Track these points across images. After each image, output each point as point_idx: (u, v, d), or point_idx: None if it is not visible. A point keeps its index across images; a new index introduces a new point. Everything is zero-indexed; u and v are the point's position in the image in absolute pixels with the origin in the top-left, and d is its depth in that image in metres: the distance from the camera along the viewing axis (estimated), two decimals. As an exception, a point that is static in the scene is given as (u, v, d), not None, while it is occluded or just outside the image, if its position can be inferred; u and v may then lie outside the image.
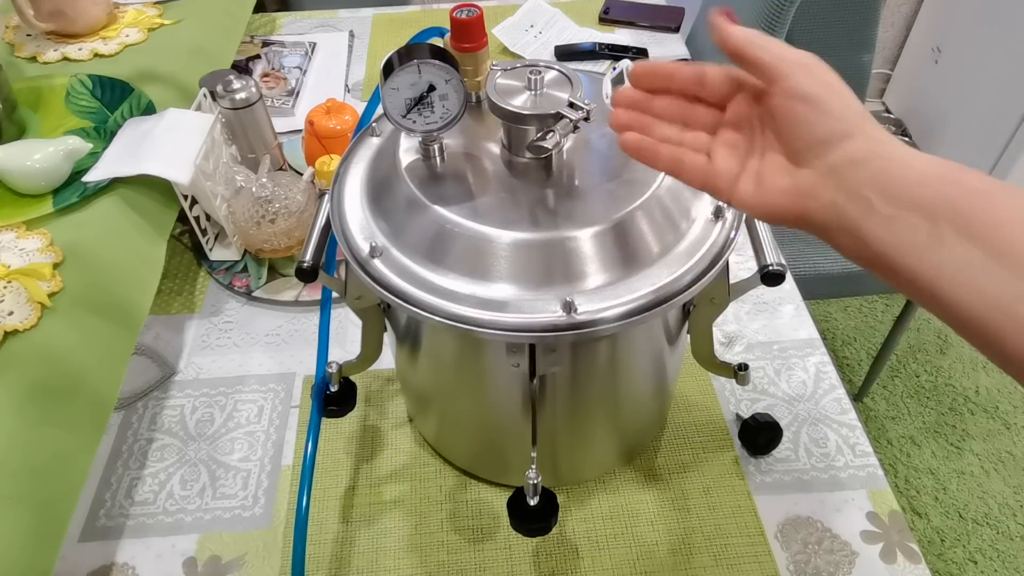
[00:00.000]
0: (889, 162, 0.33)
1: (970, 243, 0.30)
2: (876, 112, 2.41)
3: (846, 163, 0.33)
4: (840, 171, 0.33)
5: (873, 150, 0.33)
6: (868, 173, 0.33)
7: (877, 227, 0.32)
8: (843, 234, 0.34)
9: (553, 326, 0.42)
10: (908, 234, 0.31)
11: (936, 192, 0.31)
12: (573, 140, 0.50)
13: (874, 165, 0.33)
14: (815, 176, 0.34)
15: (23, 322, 0.55)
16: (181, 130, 0.73)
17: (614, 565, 0.57)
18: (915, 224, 0.31)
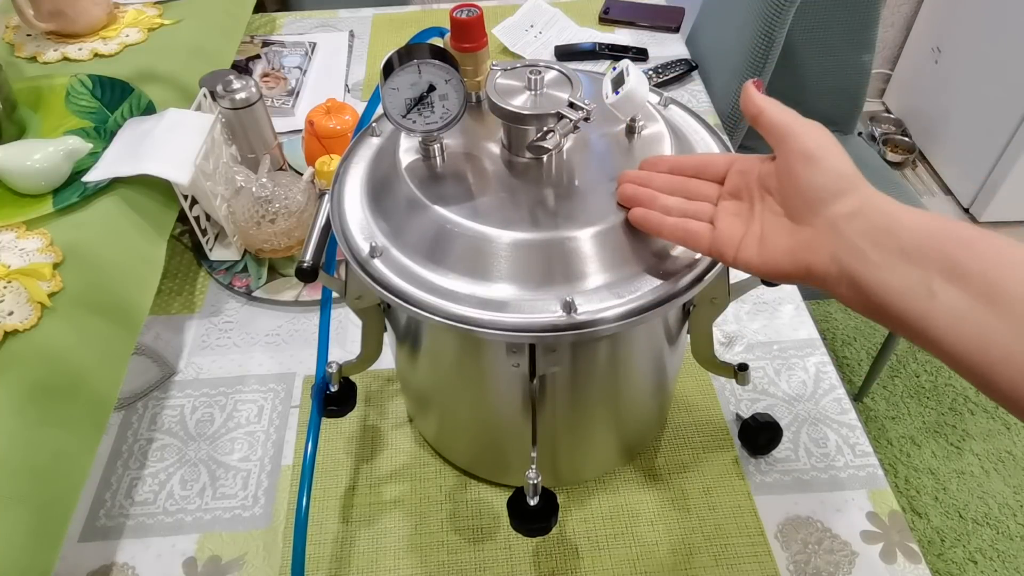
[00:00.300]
0: (881, 215, 0.36)
1: (958, 288, 0.32)
2: (876, 112, 2.41)
3: (843, 217, 0.36)
4: (838, 224, 0.36)
5: (867, 204, 0.36)
6: (863, 225, 0.36)
7: (872, 276, 0.35)
8: (843, 284, 0.36)
9: (553, 326, 0.42)
10: (901, 281, 0.34)
11: (925, 241, 0.34)
12: (573, 140, 0.50)
13: (868, 217, 0.36)
14: (815, 231, 0.37)
15: (23, 322, 0.55)
16: (181, 130, 0.73)
17: (614, 565, 0.57)
18: (907, 272, 0.34)
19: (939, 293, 0.33)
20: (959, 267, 0.32)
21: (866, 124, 2.35)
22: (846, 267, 0.36)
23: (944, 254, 0.33)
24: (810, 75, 1.42)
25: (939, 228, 0.34)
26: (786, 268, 0.38)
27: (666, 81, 1.11)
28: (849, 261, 0.35)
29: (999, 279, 0.31)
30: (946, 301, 0.32)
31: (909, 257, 0.34)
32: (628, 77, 0.47)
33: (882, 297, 0.34)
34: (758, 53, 1.15)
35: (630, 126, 0.51)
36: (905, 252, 0.34)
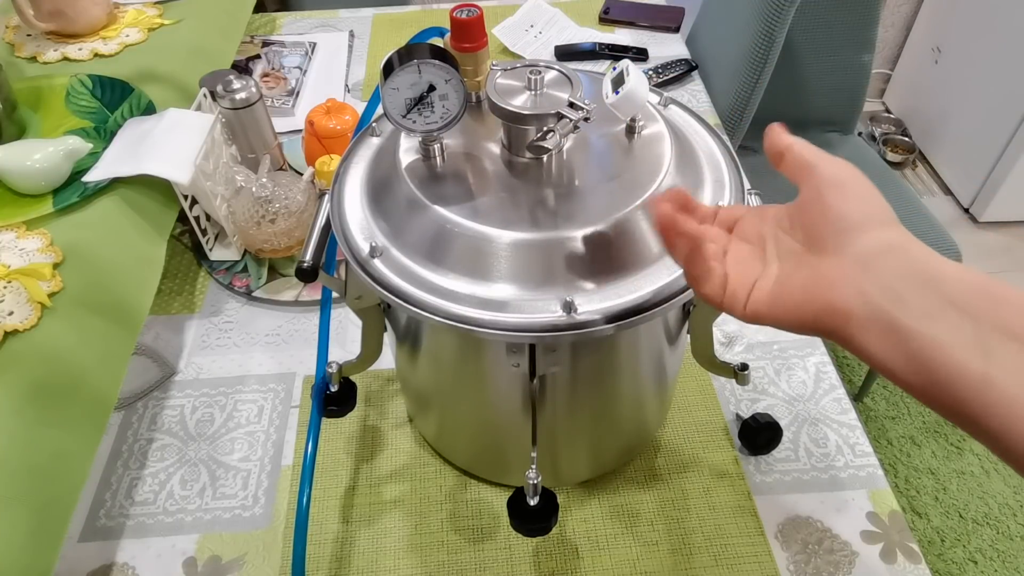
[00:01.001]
0: (919, 258, 0.31)
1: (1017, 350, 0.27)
2: (876, 112, 2.41)
3: (877, 251, 0.32)
4: (870, 259, 0.32)
5: (903, 243, 0.32)
6: (899, 264, 0.31)
7: (915, 321, 0.29)
8: (874, 330, 0.31)
9: (553, 326, 0.42)
10: (951, 334, 0.29)
11: (974, 296, 0.29)
12: (573, 140, 0.50)
13: (905, 258, 0.31)
14: (840, 264, 0.32)
15: (23, 322, 0.55)
16: (181, 130, 0.73)
17: (614, 565, 0.57)
18: (958, 324, 0.29)
19: (998, 353, 0.27)
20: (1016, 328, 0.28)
21: (866, 124, 2.35)
22: (879, 308, 0.30)
23: (1000, 313, 0.28)
24: (810, 75, 1.42)
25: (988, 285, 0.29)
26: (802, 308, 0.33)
27: (666, 81, 1.11)
28: (882, 302, 0.30)
29: None
30: (1007, 365, 0.27)
31: (960, 309, 0.29)
32: (628, 77, 0.47)
33: (928, 351, 0.29)
34: (758, 53, 1.15)
35: (630, 126, 0.51)
36: (955, 302, 0.29)
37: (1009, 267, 1.92)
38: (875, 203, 0.33)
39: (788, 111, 1.46)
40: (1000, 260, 1.94)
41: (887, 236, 0.32)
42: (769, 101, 1.25)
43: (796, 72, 1.40)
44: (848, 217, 0.33)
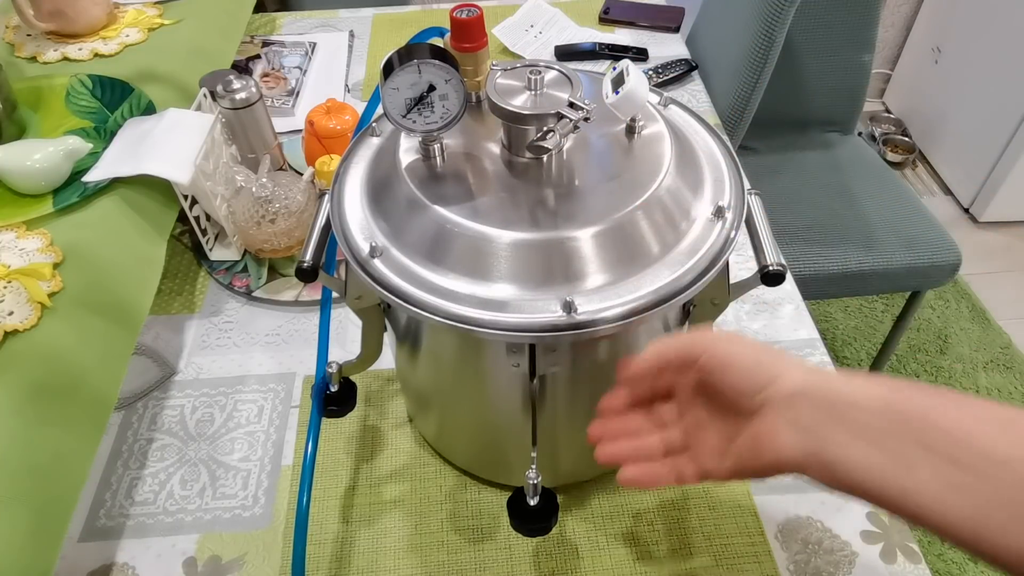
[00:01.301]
0: (829, 389, 0.34)
1: (937, 458, 0.30)
2: (876, 112, 2.41)
3: (786, 398, 0.35)
4: (784, 407, 0.35)
5: (807, 380, 0.35)
6: (812, 402, 0.34)
7: (840, 454, 0.33)
8: (813, 467, 0.34)
9: (553, 326, 0.42)
10: (873, 457, 0.32)
11: (886, 412, 0.32)
12: (573, 140, 0.50)
13: (816, 394, 0.34)
14: (763, 420, 0.36)
15: (23, 322, 0.55)
16: (181, 130, 0.73)
17: (614, 565, 0.57)
18: (877, 446, 0.32)
19: (916, 467, 0.31)
20: (929, 439, 0.31)
21: (866, 124, 2.35)
22: (811, 451, 0.34)
23: (910, 426, 0.32)
24: (810, 75, 1.42)
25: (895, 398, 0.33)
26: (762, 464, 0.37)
27: (666, 81, 1.11)
28: (811, 443, 0.34)
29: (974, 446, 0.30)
30: (925, 476, 0.31)
31: (872, 432, 0.32)
32: (628, 77, 0.47)
33: (858, 476, 0.33)
34: (758, 53, 1.15)
35: (630, 126, 0.51)
36: (869, 426, 0.32)
37: (1009, 267, 1.92)
38: (766, 362, 0.37)
39: (788, 111, 1.46)
40: (1000, 260, 1.94)
41: (789, 381, 0.35)
42: (769, 101, 1.25)
43: (796, 72, 1.40)
44: (749, 387, 0.36)
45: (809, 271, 1.23)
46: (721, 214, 0.47)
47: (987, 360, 1.67)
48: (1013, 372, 1.64)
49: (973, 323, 1.76)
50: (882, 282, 1.26)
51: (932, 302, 1.81)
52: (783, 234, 1.27)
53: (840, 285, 1.25)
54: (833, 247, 1.25)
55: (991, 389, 1.61)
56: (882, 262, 1.24)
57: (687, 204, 0.48)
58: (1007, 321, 1.77)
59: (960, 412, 0.31)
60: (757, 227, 0.48)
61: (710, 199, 0.48)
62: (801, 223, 1.29)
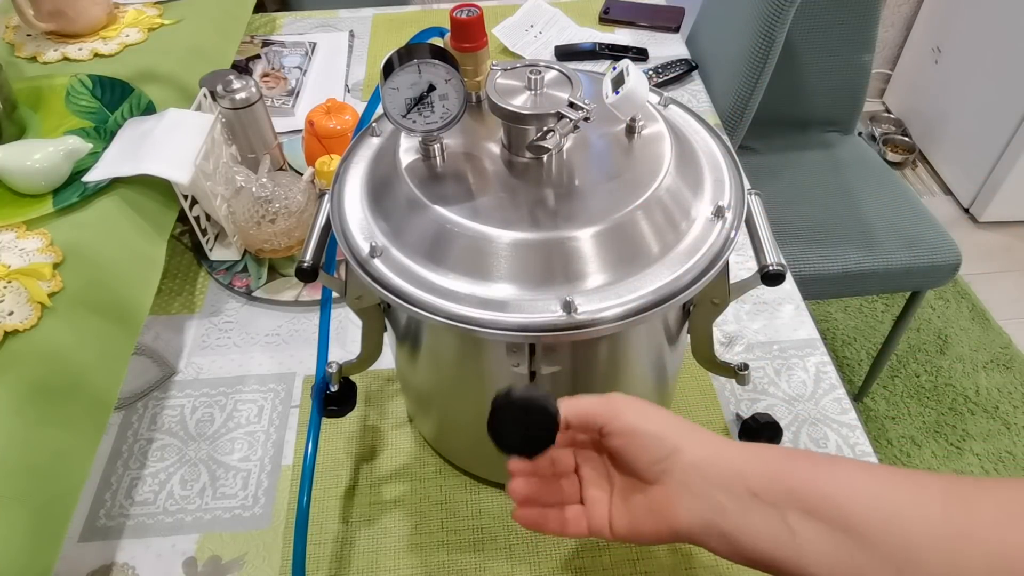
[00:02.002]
0: (719, 460, 0.36)
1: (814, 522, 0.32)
2: (876, 112, 2.41)
3: (683, 471, 0.37)
4: (682, 479, 0.37)
5: (702, 454, 0.37)
6: (705, 474, 0.36)
7: (733, 523, 0.35)
8: (712, 537, 0.36)
9: (553, 326, 0.42)
10: (761, 524, 0.34)
11: (773, 482, 0.34)
12: (573, 140, 0.50)
13: (709, 465, 0.36)
14: (665, 492, 0.37)
15: (23, 322, 0.55)
16: (181, 130, 0.73)
17: (614, 565, 0.57)
18: (764, 513, 0.34)
19: (800, 532, 0.33)
20: (810, 503, 0.33)
21: (866, 124, 2.35)
22: (707, 519, 0.36)
23: (793, 492, 0.33)
24: (810, 75, 1.42)
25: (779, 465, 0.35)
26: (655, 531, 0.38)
27: (666, 81, 1.11)
28: (707, 512, 0.36)
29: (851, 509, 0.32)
30: (809, 539, 0.32)
31: (761, 500, 0.34)
32: (628, 77, 0.47)
33: (750, 544, 0.34)
34: (758, 53, 1.15)
35: (630, 126, 0.51)
36: (756, 495, 0.34)
37: (1009, 267, 1.92)
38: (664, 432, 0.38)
39: (788, 111, 1.46)
40: (1000, 260, 1.94)
41: (686, 455, 0.37)
42: (769, 101, 1.25)
43: (796, 72, 1.40)
44: (653, 456, 0.38)
45: (809, 271, 1.23)
46: (721, 214, 0.47)
47: (987, 360, 1.67)
48: (1013, 372, 1.64)
49: (973, 323, 1.76)
50: (882, 282, 1.26)
51: (932, 302, 1.81)
52: (783, 234, 1.27)
53: (840, 285, 1.25)
54: (833, 247, 1.25)
55: (991, 389, 1.61)
56: (882, 262, 1.24)
57: (687, 204, 0.48)
58: (1007, 321, 1.77)
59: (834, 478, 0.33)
60: (757, 227, 0.48)
61: (710, 199, 0.48)
62: (801, 223, 1.29)
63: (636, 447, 0.38)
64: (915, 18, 2.25)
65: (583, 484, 0.42)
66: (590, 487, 0.42)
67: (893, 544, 0.31)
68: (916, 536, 0.31)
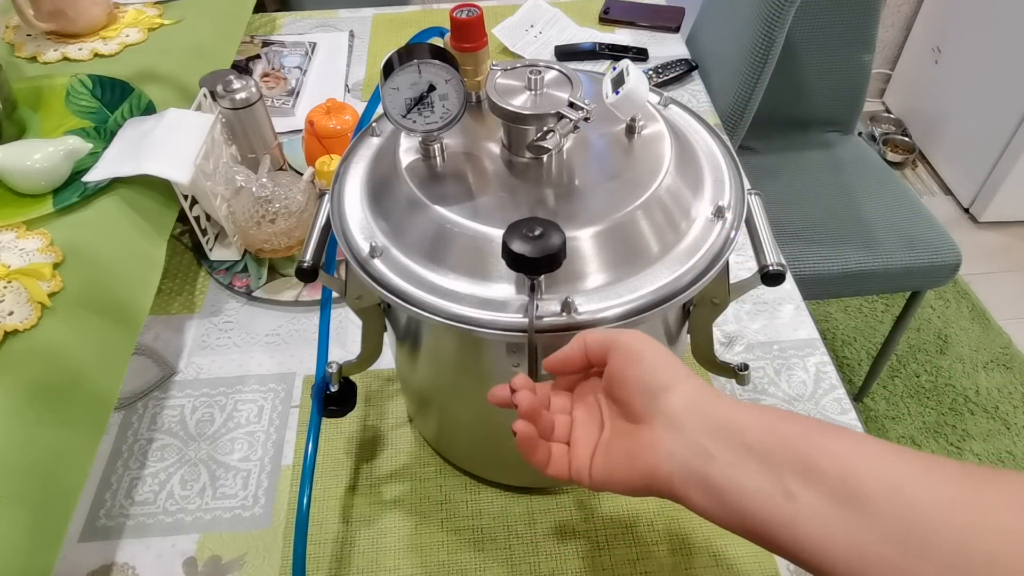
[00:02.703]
0: (716, 408, 0.34)
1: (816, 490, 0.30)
2: (876, 112, 2.41)
3: (676, 411, 0.35)
4: (675, 420, 0.35)
5: (698, 397, 0.35)
6: (704, 420, 0.34)
7: (723, 475, 0.33)
8: (693, 487, 0.34)
9: (553, 326, 0.42)
10: (754, 482, 0.32)
11: (770, 439, 0.32)
12: (573, 140, 0.50)
13: (704, 412, 0.34)
14: (651, 430, 0.35)
15: (23, 322, 0.55)
16: (181, 130, 0.73)
17: (614, 565, 0.57)
18: (759, 472, 0.32)
19: (798, 496, 0.31)
20: (813, 467, 0.31)
21: (866, 124, 2.35)
22: (692, 468, 0.33)
23: (794, 453, 0.31)
24: (810, 75, 1.42)
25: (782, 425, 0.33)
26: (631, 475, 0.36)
27: (666, 81, 1.11)
28: (693, 461, 0.33)
29: (857, 477, 0.30)
30: (808, 505, 0.30)
31: (757, 456, 0.32)
32: (628, 77, 0.47)
33: (738, 500, 0.32)
34: (758, 53, 1.15)
35: (630, 126, 0.51)
36: (752, 450, 0.32)
37: (1009, 267, 1.92)
38: (667, 366, 0.36)
39: (788, 111, 1.46)
40: (1000, 260, 1.94)
41: (682, 394, 0.35)
42: (769, 101, 1.25)
43: (796, 72, 1.40)
44: (648, 385, 0.36)
45: (809, 271, 1.23)
46: (721, 214, 0.47)
47: (987, 360, 1.67)
48: (1013, 372, 1.64)
49: (973, 323, 1.76)
50: (882, 282, 1.26)
51: (932, 302, 1.81)
52: (783, 234, 1.27)
53: (840, 285, 1.25)
54: (833, 247, 1.25)
55: (991, 389, 1.61)
56: (882, 262, 1.24)
57: (687, 204, 0.48)
58: (1007, 321, 1.77)
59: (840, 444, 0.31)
60: (757, 227, 0.48)
61: (710, 199, 0.48)
62: (801, 223, 1.29)
63: (637, 372, 0.36)
64: (915, 18, 2.25)
65: (573, 425, 0.41)
66: (579, 429, 0.40)
67: (898, 519, 0.29)
68: (924, 513, 0.28)
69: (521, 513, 0.60)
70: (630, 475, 0.36)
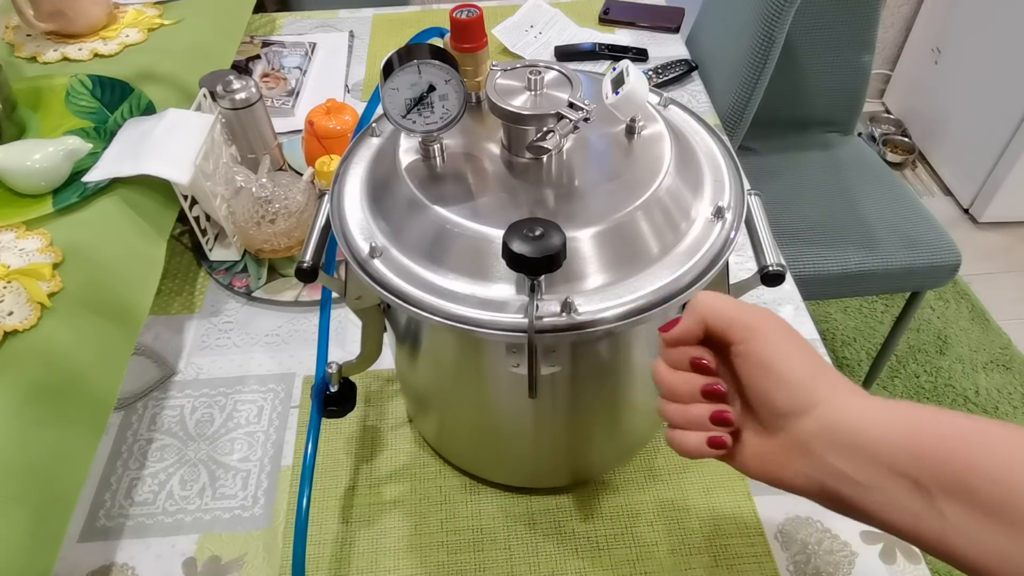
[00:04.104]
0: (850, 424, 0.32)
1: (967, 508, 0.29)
2: (876, 112, 2.41)
3: (810, 436, 0.33)
4: (806, 444, 0.33)
5: (834, 419, 0.33)
6: (834, 444, 0.32)
7: (864, 498, 0.32)
8: (831, 503, 0.33)
9: (553, 326, 0.42)
10: (900, 501, 0.31)
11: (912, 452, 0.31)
12: (573, 140, 0.50)
13: (839, 435, 0.32)
14: (782, 446, 0.34)
15: (23, 322, 0.55)
16: (181, 130, 0.73)
17: (614, 565, 0.57)
18: (904, 491, 0.31)
19: (948, 513, 0.30)
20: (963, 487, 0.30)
21: (866, 124, 2.35)
22: (829, 489, 0.33)
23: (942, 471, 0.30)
24: (810, 75, 1.42)
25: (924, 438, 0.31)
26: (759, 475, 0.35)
27: (666, 81, 1.11)
28: (830, 483, 0.33)
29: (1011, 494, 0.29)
30: (958, 521, 0.30)
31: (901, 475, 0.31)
32: (628, 77, 0.47)
33: (881, 516, 0.32)
34: (758, 53, 1.15)
35: (630, 126, 0.51)
36: (893, 469, 0.31)
37: (1009, 267, 1.92)
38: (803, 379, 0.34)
39: (788, 111, 1.46)
40: (1000, 260, 1.94)
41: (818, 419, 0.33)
42: (769, 101, 1.25)
43: (796, 72, 1.40)
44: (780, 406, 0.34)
45: (809, 271, 1.23)
46: (721, 214, 0.47)
47: (987, 360, 1.67)
48: (1013, 372, 1.64)
49: (973, 323, 1.76)
50: (882, 282, 1.26)
51: (932, 302, 1.81)
52: (783, 234, 1.27)
53: (840, 285, 1.25)
54: (833, 247, 1.25)
55: (991, 389, 1.61)
56: (882, 262, 1.24)
57: (687, 204, 0.48)
58: (1007, 321, 1.77)
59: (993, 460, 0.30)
60: (757, 227, 0.48)
61: (710, 199, 0.49)
62: (801, 223, 1.29)
63: (765, 388, 0.34)
64: (915, 18, 2.25)
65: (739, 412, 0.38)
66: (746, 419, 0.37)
67: None
68: None
69: (521, 513, 0.60)
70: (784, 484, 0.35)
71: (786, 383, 0.34)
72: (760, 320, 0.35)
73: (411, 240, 0.46)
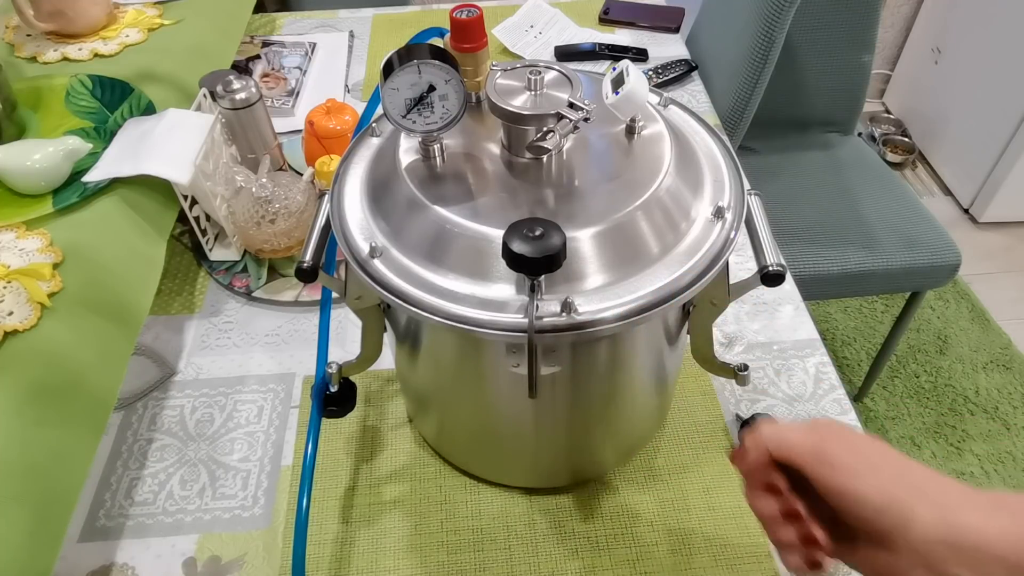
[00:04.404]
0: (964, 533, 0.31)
1: None
2: (876, 112, 2.41)
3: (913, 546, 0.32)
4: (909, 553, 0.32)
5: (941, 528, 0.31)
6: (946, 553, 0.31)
7: None
8: None
9: (553, 326, 0.42)
10: None
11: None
12: (573, 140, 0.50)
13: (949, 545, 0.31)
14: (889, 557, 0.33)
15: (23, 322, 0.55)
16: (181, 130, 0.73)
17: (614, 565, 0.57)
18: None
19: None
20: None
21: (866, 124, 2.35)
22: None
23: None
24: (810, 75, 1.42)
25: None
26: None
27: (666, 81, 1.11)
28: None
29: None
30: None
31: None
32: (628, 77, 0.47)
33: None
34: (758, 53, 1.15)
35: (630, 126, 0.51)
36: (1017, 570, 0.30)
37: (1009, 267, 1.92)
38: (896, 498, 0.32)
39: (788, 111, 1.46)
40: (1000, 260, 1.94)
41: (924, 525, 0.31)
42: (769, 101, 1.25)
43: (796, 72, 1.40)
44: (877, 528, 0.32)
45: (809, 271, 1.23)
46: (721, 214, 0.47)
47: (987, 360, 1.67)
48: (1013, 372, 1.64)
49: (973, 323, 1.76)
50: (882, 282, 1.26)
51: (932, 302, 1.81)
52: (783, 234, 1.27)
53: (840, 285, 1.25)
54: (833, 247, 1.25)
55: (991, 390, 1.61)
56: (882, 262, 1.24)
57: (687, 204, 0.48)
58: (1007, 321, 1.77)
59: None
60: (757, 227, 0.48)
61: (710, 199, 0.49)
62: (801, 223, 1.29)
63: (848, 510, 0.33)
64: (915, 18, 2.25)
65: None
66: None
67: None
68: None
69: (521, 513, 0.60)
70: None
71: (868, 503, 0.33)
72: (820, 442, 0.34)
73: (411, 240, 0.46)
